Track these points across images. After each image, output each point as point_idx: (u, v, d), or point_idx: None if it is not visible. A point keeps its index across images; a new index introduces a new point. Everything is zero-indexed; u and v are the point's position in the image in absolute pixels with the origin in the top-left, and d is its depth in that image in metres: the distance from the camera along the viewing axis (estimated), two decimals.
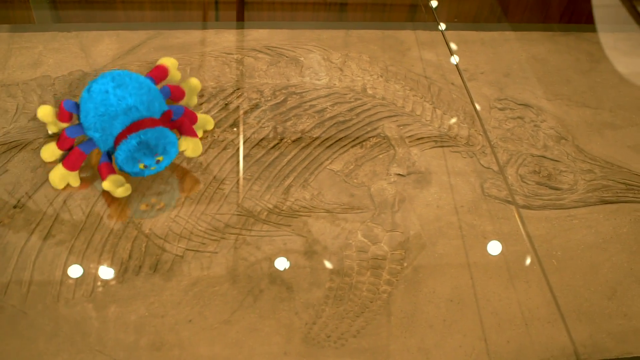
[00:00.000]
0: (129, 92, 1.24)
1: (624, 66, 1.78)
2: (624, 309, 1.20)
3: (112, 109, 1.22)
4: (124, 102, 1.23)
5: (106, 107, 1.23)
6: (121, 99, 1.23)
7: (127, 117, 1.22)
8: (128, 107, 1.23)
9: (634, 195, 1.40)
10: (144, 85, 1.27)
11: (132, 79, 1.27)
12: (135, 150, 1.20)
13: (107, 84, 1.24)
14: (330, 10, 1.98)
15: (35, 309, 1.10)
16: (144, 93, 1.26)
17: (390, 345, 1.11)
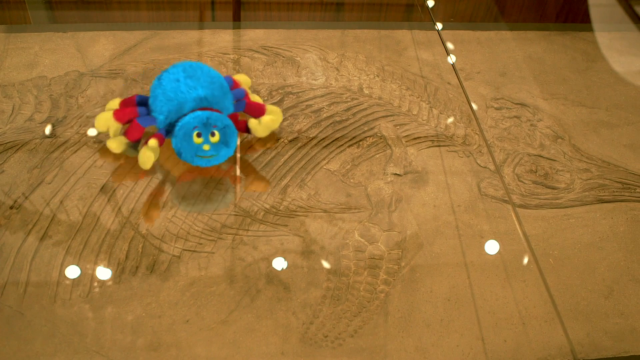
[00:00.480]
0: (200, 83, 1.27)
1: (620, 65, 1.78)
2: (621, 308, 1.20)
3: (181, 96, 1.26)
4: (195, 92, 1.26)
5: (175, 94, 1.26)
6: (192, 88, 1.26)
7: (194, 105, 1.26)
8: (198, 97, 1.26)
9: (631, 194, 1.41)
10: (215, 80, 1.30)
11: (204, 72, 1.29)
12: (195, 120, 1.22)
13: (178, 74, 1.28)
14: (327, 10, 1.98)
15: (32, 309, 1.10)
16: (216, 88, 1.29)
17: (388, 345, 1.11)
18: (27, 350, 1.04)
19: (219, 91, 1.29)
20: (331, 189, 1.34)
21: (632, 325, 1.18)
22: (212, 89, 1.28)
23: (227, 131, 1.25)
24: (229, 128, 1.25)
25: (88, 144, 1.37)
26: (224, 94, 1.31)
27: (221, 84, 1.31)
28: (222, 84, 1.31)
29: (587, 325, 1.17)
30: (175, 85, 1.27)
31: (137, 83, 1.53)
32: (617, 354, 1.14)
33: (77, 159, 1.34)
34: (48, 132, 1.39)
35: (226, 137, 1.25)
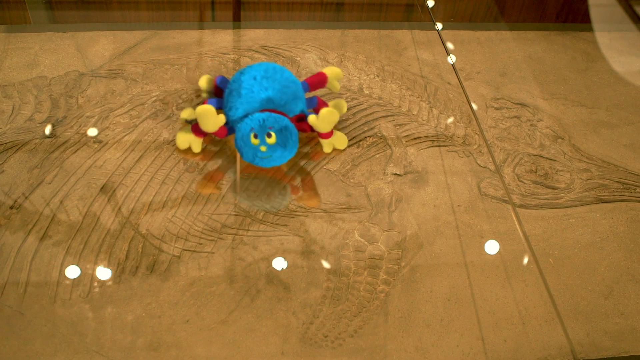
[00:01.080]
0: (273, 86, 1.30)
1: (620, 65, 1.78)
2: (621, 308, 1.20)
3: (251, 95, 1.29)
4: (265, 93, 1.29)
5: (247, 91, 1.29)
6: (263, 89, 1.29)
7: (261, 106, 1.29)
8: (267, 98, 1.29)
9: (631, 194, 1.41)
10: (291, 85, 1.32)
11: (282, 76, 1.32)
12: (251, 121, 1.24)
13: (258, 72, 1.31)
14: (327, 10, 1.98)
15: (32, 309, 1.10)
16: (288, 92, 1.31)
17: (388, 345, 1.11)
18: (27, 350, 1.04)
19: (290, 96, 1.31)
20: (331, 189, 1.34)
21: (632, 325, 1.18)
22: (283, 93, 1.30)
23: (285, 133, 1.26)
24: (286, 130, 1.25)
25: (88, 144, 1.37)
26: (295, 99, 1.33)
27: (295, 91, 1.33)
28: (296, 92, 1.33)
29: (587, 325, 1.17)
30: (250, 83, 1.30)
31: (137, 83, 1.53)
32: (617, 354, 1.14)
33: (77, 159, 1.34)
34: (48, 132, 1.39)
35: (283, 139, 1.26)
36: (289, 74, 1.34)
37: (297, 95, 1.34)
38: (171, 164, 1.35)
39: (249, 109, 1.29)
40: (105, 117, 1.44)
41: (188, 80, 1.54)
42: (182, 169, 1.34)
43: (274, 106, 1.30)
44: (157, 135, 1.41)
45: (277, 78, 1.31)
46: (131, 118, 1.44)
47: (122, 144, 1.38)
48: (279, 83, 1.31)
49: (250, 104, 1.29)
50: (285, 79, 1.32)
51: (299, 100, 1.34)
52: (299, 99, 1.34)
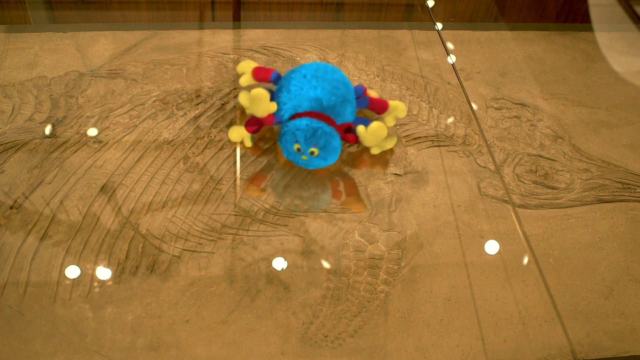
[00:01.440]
0: (323, 85, 1.30)
1: (620, 65, 1.78)
2: (621, 308, 1.20)
3: (300, 92, 1.30)
4: (313, 92, 1.30)
5: (296, 88, 1.30)
6: (312, 87, 1.30)
7: (309, 105, 1.29)
8: (315, 97, 1.30)
9: (631, 194, 1.41)
10: (341, 87, 1.32)
11: (333, 77, 1.32)
12: (299, 129, 1.25)
13: (309, 70, 1.32)
14: (327, 10, 1.98)
15: (32, 309, 1.10)
16: (338, 94, 1.31)
17: (388, 345, 1.11)
18: (27, 350, 1.04)
19: (338, 98, 1.31)
20: (331, 189, 1.34)
21: (632, 325, 1.18)
22: (332, 94, 1.30)
23: (327, 148, 1.27)
24: (329, 146, 1.27)
25: (88, 144, 1.37)
26: (344, 102, 1.32)
27: (345, 93, 1.33)
28: (346, 94, 1.33)
29: (587, 325, 1.17)
30: (300, 81, 1.31)
31: (137, 83, 1.53)
32: (617, 354, 1.14)
33: (77, 159, 1.34)
34: (48, 132, 1.39)
35: (325, 154, 1.27)
36: (340, 75, 1.34)
37: (347, 98, 1.33)
38: (171, 164, 1.35)
39: (297, 106, 1.31)
40: (105, 117, 1.44)
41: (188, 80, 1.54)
42: (182, 169, 1.34)
43: (321, 107, 1.30)
44: (157, 135, 1.41)
45: (328, 78, 1.32)
46: (131, 118, 1.44)
47: (122, 144, 1.38)
48: (329, 83, 1.31)
49: (298, 101, 1.30)
50: (336, 80, 1.32)
51: (348, 104, 1.33)
52: (348, 102, 1.33)
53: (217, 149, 1.39)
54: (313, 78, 1.31)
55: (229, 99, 1.51)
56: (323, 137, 1.25)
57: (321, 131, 1.25)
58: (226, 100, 1.51)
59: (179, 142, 1.40)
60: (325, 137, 1.25)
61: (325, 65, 1.34)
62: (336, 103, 1.31)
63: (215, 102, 1.50)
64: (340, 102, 1.31)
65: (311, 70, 1.32)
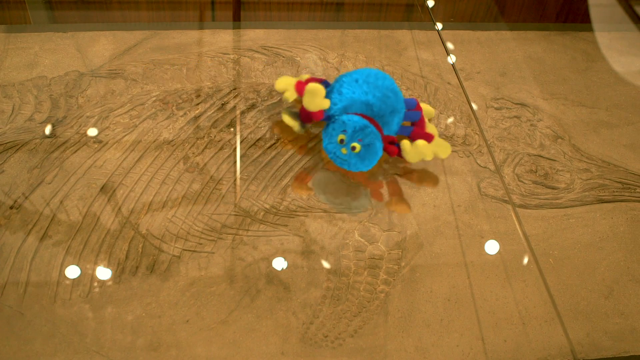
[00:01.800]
0: (374, 92, 1.31)
1: (620, 65, 1.78)
2: (621, 308, 1.20)
3: (351, 96, 1.31)
4: (364, 96, 1.30)
5: (348, 91, 1.31)
6: (363, 92, 1.30)
7: (360, 109, 1.30)
8: (365, 102, 1.30)
9: (631, 194, 1.41)
10: (391, 96, 1.32)
11: (384, 84, 1.32)
12: (350, 120, 1.25)
13: (361, 75, 1.32)
14: (327, 10, 1.98)
15: (32, 309, 1.10)
16: (388, 102, 1.31)
17: (388, 345, 1.11)
18: (27, 350, 1.04)
19: (388, 107, 1.31)
20: (331, 189, 1.34)
21: (632, 325, 1.18)
22: (382, 102, 1.30)
23: (369, 150, 1.26)
24: (372, 148, 1.26)
25: (88, 144, 1.37)
26: (393, 112, 1.32)
27: (395, 103, 1.32)
28: (396, 104, 1.33)
29: (587, 325, 1.17)
30: (352, 84, 1.32)
31: (137, 83, 1.53)
32: (617, 354, 1.14)
33: (77, 159, 1.34)
34: (48, 132, 1.39)
35: (365, 154, 1.27)
36: (391, 84, 1.34)
37: (396, 108, 1.33)
38: (171, 164, 1.35)
39: (348, 107, 1.31)
40: (105, 117, 1.44)
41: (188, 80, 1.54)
42: (182, 169, 1.34)
43: (371, 113, 1.30)
44: (157, 135, 1.41)
45: (379, 85, 1.32)
46: (131, 118, 1.44)
47: (122, 144, 1.38)
48: (380, 91, 1.31)
49: (349, 103, 1.31)
50: (386, 88, 1.32)
51: (396, 114, 1.33)
52: (396, 112, 1.33)
53: (217, 149, 1.39)
54: (365, 83, 1.31)
55: (229, 99, 1.51)
56: (370, 136, 1.25)
57: (370, 130, 1.25)
58: (226, 100, 1.51)
59: (179, 142, 1.40)
60: (372, 136, 1.25)
61: (377, 71, 1.34)
62: (386, 112, 1.31)
63: (215, 102, 1.50)
64: (389, 111, 1.31)
65: (363, 75, 1.33)
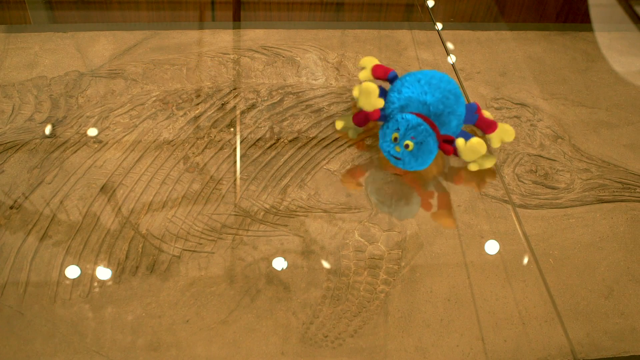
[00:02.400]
0: (433, 92, 1.31)
1: (620, 65, 1.78)
2: (621, 308, 1.20)
3: (410, 95, 1.31)
4: (423, 96, 1.31)
5: (408, 90, 1.32)
6: (423, 92, 1.31)
7: (416, 108, 1.31)
8: (424, 101, 1.31)
9: (631, 194, 1.41)
10: (451, 98, 1.32)
11: (446, 87, 1.32)
12: (404, 119, 1.26)
13: (424, 76, 1.33)
14: (327, 10, 1.98)
15: (32, 309, 1.10)
16: (446, 103, 1.31)
17: (388, 345, 1.11)
18: (27, 350, 1.04)
19: (446, 108, 1.31)
20: (331, 189, 1.34)
21: (632, 325, 1.18)
22: (441, 103, 1.31)
23: (422, 148, 1.27)
24: (425, 146, 1.27)
25: (88, 144, 1.37)
26: (450, 113, 1.32)
27: (454, 105, 1.32)
28: (454, 106, 1.32)
29: (587, 325, 1.17)
30: (414, 84, 1.32)
31: (137, 83, 1.53)
32: (617, 354, 1.13)
33: (77, 159, 1.34)
34: (48, 132, 1.39)
35: (418, 152, 1.27)
36: (454, 87, 1.34)
37: (454, 111, 1.32)
38: (171, 164, 1.35)
39: (404, 107, 1.32)
40: (105, 117, 1.44)
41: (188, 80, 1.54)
42: (182, 169, 1.34)
43: (427, 112, 1.30)
44: (157, 135, 1.41)
45: (441, 87, 1.32)
46: (131, 118, 1.44)
47: (122, 144, 1.38)
48: (440, 92, 1.31)
49: (406, 103, 1.31)
50: (448, 91, 1.32)
51: (454, 116, 1.32)
52: (455, 114, 1.33)
53: (217, 149, 1.39)
54: (426, 84, 1.32)
55: (229, 99, 1.51)
56: (423, 134, 1.26)
57: (423, 128, 1.26)
58: (226, 100, 1.51)
59: (179, 142, 1.40)
60: (425, 134, 1.26)
61: (443, 75, 1.35)
62: (443, 112, 1.31)
63: (215, 102, 1.50)
64: (447, 112, 1.31)
65: (427, 76, 1.33)
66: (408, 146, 1.26)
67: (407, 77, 1.35)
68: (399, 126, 1.27)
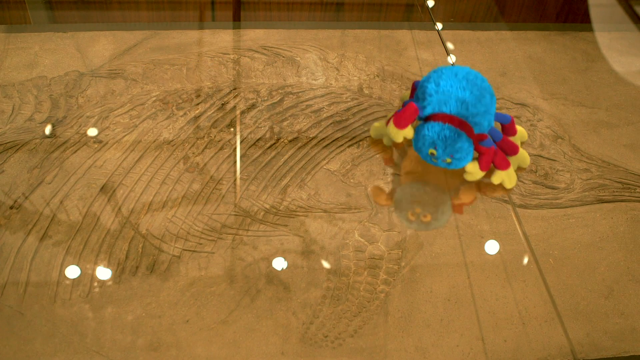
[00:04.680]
0: (471, 89, 1.28)
1: (620, 65, 1.78)
2: (621, 308, 1.20)
3: (447, 88, 1.28)
4: (460, 92, 1.28)
5: (445, 82, 1.29)
6: (461, 88, 1.28)
7: (453, 104, 1.28)
8: (461, 98, 1.27)
9: (631, 194, 1.41)
10: (487, 96, 1.30)
11: (482, 85, 1.31)
12: (440, 139, 1.25)
13: (461, 71, 1.30)
14: (327, 10, 1.98)
15: (32, 309, 1.10)
16: (483, 102, 1.29)
17: (388, 345, 1.11)
18: (27, 350, 1.04)
19: (482, 107, 1.29)
20: (331, 189, 1.34)
21: (632, 325, 1.18)
22: (478, 101, 1.28)
23: (461, 161, 1.28)
24: (464, 159, 1.27)
25: (88, 144, 1.37)
26: (486, 112, 1.30)
27: (489, 104, 1.31)
28: (489, 105, 1.31)
29: (587, 325, 1.17)
30: (452, 78, 1.29)
31: (137, 83, 1.53)
32: (617, 354, 1.14)
33: (77, 159, 1.34)
34: (48, 132, 1.39)
35: (457, 163, 1.28)
36: (488, 86, 1.32)
37: (489, 110, 1.31)
38: (171, 164, 1.35)
39: (443, 101, 1.28)
40: (105, 117, 1.44)
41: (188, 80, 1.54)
42: (182, 169, 1.34)
43: (465, 110, 1.27)
44: (157, 135, 1.41)
45: (478, 84, 1.30)
46: (131, 118, 1.44)
47: (122, 144, 1.38)
48: (478, 90, 1.29)
49: (445, 97, 1.28)
50: (484, 89, 1.31)
51: (487, 115, 1.31)
52: (489, 113, 1.31)
53: (217, 149, 1.39)
54: (464, 79, 1.29)
55: (229, 99, 1.51)
56: (461, 152, 1.26)
57: (460, 146, 1.25)
58: (226, 100, 1.51)
59: (179, 142, 1.40)
60: (463, 152, 1.26)
61: (477, 72, 1.33)
62: (479, 112, 1.28)
63: (215, 102, 1.50)
64: (482, 111, 1.29)
65: (463, 72, 1.31)
66: (447, 161, 1.27)
67: (444, 69, 1.32)
68: (436, 145, 1.26)
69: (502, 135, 1.35)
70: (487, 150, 1.30)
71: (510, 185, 1.36)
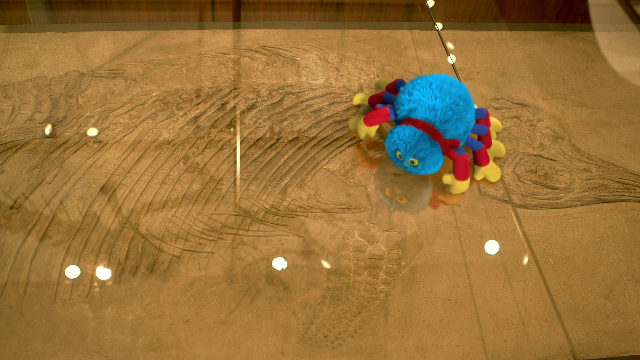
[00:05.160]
0: (443, 98, 1.31)
1: (620, 65, 1.78)
2: (621, 308, 1.20)
3: (420, 97, 1.31)
4: (432, 101, 1.30)
5: (418, 92, 1.31)
6: (433, 97, 1.31)
7: (424, 112, 1.30)
8: (432, 106, 1.30)
9: (631, 194, 1.41)
10: (460, 104, 1.31)
11: (457, 92, 1.32)
12: (401, 139, 1.28)
13: (435, 80, 1.33)
14: (327, 10, 1.98)
15: (32, 309, 1.10)
16: (455, 109, 1.30)
17: (388, 345, 1.11)
18: (27, 350, 1.04)
19: (454, 114, 1.30)
20: (331, 189, 1.34)
21: (632, 325, 1.18)
22: (449, 109, 1.30)
23: (427, 161, 1.28)
24: (430, 158, 1.28)
25: (88, 144, 1.37)
26: (458, 120, 1.31)
27: (462, 111, 1.31)
28: (463, 113, 1.31)
29: (587, 325, 1.17)
30: (425, 88, 1.32)
31: (137, 83, 1.53)
32: (617, 354, 1.14)
33: (77, 159, 1.34)
34: (48, 132, 1.39)
35: (425, 164, 1.29)
36: (464, 93, 1.33)
37: (463, 117, 1.31)
38: (171, 164, 1.35)
39: (412, 110, 1.31)
40: (105, 117, 1.44)
41: (188, 80, 1.54)
42: (182, 169, 1.34)
43: (434, 117, 1.29)
44: (157, 135, 1.41)
45: (452, 92, 1.31)
46: (131, 118, 1.44)
47: (122, 144, 1.38)
48: (450, 98, 1.31)
49: (415, 106, 1.31)
50: (458, 97, 1.32)
51: (461, 123, 1.31)
52: (463, 121, 1.31)
53: (217, 149, 1.39)
54: (437, 88, 1.31)
55: (229, 99, 1.51)
56: (424, 151, 1.27)
57: (421, 145, 1.27)
58: (226, 100, 1.51)
59: (179, 142, 1.40)
60: (426, 151, 1.27)
61: (454, 79, 1.34)
62: (450, 118, 1.30)
63: (215, 102, 1.50)
64: (454, 118, 1.30)
65: (438, 80, 1.33)
66: (413, 162, 1.28)
67: (419, 80, 1.34)
68: (397, 147, 1.28)
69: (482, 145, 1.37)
70: (458, 157, 1.30)
71: (494, 178, 1.38)
